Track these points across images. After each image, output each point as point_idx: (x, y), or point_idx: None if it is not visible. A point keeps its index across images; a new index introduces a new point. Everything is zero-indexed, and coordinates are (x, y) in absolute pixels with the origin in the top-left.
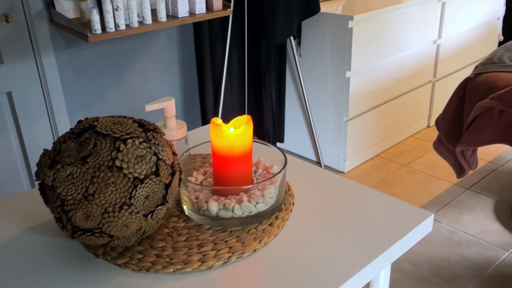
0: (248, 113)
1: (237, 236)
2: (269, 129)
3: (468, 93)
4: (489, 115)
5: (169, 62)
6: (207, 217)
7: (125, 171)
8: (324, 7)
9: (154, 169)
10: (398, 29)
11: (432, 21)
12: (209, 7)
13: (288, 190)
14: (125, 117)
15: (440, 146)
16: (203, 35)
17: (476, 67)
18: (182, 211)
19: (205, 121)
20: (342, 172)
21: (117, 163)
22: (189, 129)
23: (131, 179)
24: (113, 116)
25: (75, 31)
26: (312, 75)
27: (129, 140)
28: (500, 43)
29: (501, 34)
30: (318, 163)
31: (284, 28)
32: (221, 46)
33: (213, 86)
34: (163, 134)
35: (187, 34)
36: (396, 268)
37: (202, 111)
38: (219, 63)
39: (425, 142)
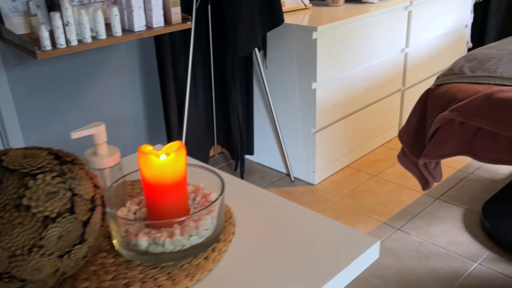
0: (217, 127)
1: (168, 273)
2: (237, 142)
3: (429, 104)
4: (449, 127)
5: (131, 76)
6: (136, 252)
7: (34, 210)
8: (289, 18)
9: (68, 206)
10: (365, 38)
11: (399, 29)
12: (167, 20)
13: (230, 218)
14: (40, 148)
15: (404, 158)
16: (165, 48)
17: (437, 78)
18: (113, 245)
19: (170, 136)
20: (312, 184)
21: (25, 201)
22: (153, 144)
23: (41, 219)
24: (26, 148)
25: (24, 47)
26: (279, 87)
27: (40, 175)
28: (469, 50)
29: (469, 41)
30: (288, 175)
31: (247, 40)
32: (184, 59)
33: (177, 100)
34: (83, 165)
35: (148, 46)
36: (363, 283)
37: (167, 125)
38: (183, 76)
39: (395, 151)
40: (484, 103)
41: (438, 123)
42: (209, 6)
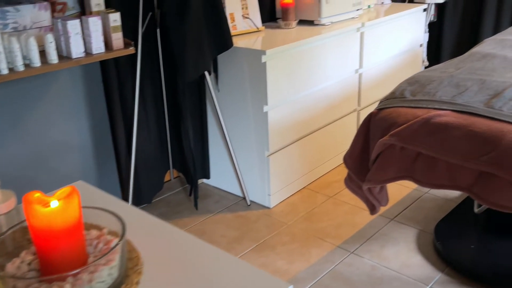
0: (172, 151)
1: None
2: (190, 167)
3: (372, 128)
4: (391, 152)
5: (75, 102)
6: None
7: None
8: (241, 41)
9: None
10: (318, 60)
11: (352, 51)
12: (108, 46)
13: (136, 265)
14: None
15: (351, 182)
16: (111, 73)
17: (380, 102)
18: None
19: (119, 161)
20: (268, 208)
21: None
22: (102, 175)
23: None
24: None
25: None
26: (233, 110)
27: None
28: (426, 68)
29: (426, 60)
30: (244, 199)
31: (195, 64)
32: (132, 84)
33: (126, 125)
34: None
35: (93, 72)
36: None
37: (116, 151)
38: (131, 101)
39: None
40: (422, 128)
41: (380, 148)
42: (158, 30)
